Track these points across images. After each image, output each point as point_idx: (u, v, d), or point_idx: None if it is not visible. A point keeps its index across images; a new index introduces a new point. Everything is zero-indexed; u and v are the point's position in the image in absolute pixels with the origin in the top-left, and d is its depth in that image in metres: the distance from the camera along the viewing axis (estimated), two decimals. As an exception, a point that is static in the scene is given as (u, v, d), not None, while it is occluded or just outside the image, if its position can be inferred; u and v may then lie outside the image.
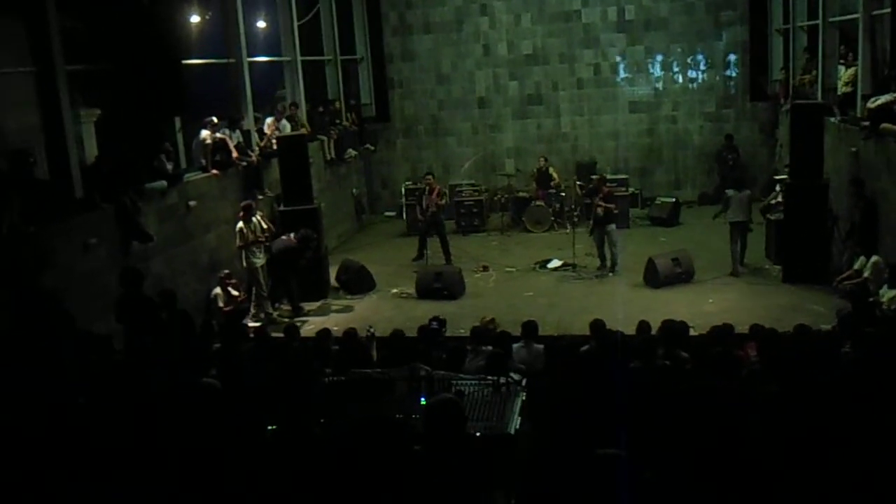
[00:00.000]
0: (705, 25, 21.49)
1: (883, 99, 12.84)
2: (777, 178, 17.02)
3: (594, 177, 17.43)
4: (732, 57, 21.43)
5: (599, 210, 15.62)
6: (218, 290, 13.37)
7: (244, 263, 14.05)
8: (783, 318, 11.42)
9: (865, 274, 12.24)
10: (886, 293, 11.18)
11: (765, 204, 16.23)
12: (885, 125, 12.58)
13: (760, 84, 20.96)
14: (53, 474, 4.86)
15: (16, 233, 9.67)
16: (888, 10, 13.45)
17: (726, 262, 15.54)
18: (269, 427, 5.59)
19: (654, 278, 14.77)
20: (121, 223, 11.79)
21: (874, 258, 12.29)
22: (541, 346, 9.64)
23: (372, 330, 10.50)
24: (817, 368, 7.11)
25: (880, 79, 13.90)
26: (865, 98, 13.76)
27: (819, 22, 16.64)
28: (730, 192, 15.63)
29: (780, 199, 15.39)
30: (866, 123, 13.25)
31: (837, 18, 16.32)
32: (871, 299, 11.53)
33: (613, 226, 15.77)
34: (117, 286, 10.14)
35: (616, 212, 16.12)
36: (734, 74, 21.49)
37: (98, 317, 10.27)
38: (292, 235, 14.29)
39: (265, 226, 14.27)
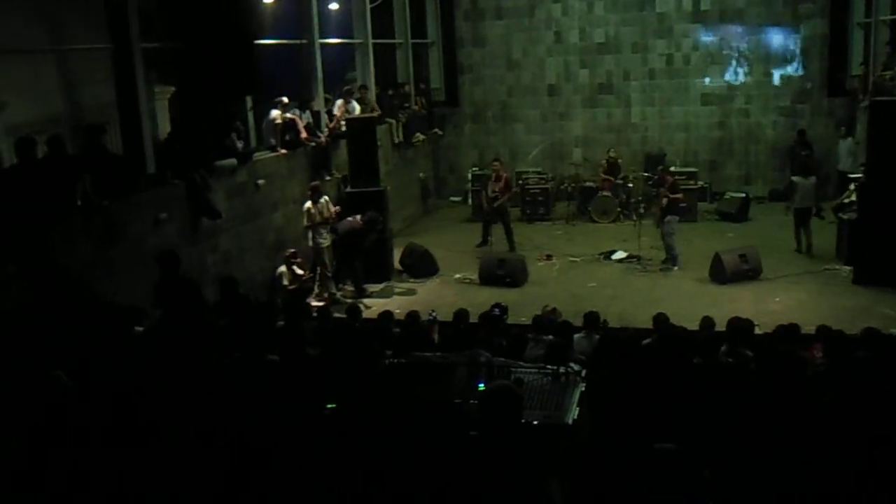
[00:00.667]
0: (783, 18, 20.99)
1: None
2: (851, 176, 16.64)
3: (660, 167, 17.25)
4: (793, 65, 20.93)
5: (664, 201, 15.46)
6: (283, 268, 13.53)
7: (310, 243, 14.20)
8: (852, 321, 11.16)
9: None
10: (962, 298, 10.89)
11: (837, 202, 15.90)
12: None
13: (839, 79, 20.47)
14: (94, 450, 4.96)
15: (89, 205, 9.89)
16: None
17: (795, 260, 15.34)
18: (328, 406, 5.64)
19: (720, 274, 14.57)
20: (191, 199, 11.99)
21: (950, 262, 11.96)
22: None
23: (434, 314, 10.52)
24: (885, 373, 6.95)
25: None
26: (948, 96, 13.37)
27: (903, 16, 16.20)
28: (796, 178, 15.97)
29: (853, 197, 15.05)
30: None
31: (923, 13, 15.87)
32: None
33: (672, 218, 15.54)
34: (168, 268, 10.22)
35: (683, 205, 15.92)
36: (800, 72, 21.01)
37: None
38: (358, 217, 14.40)
39: (331, 209, 14.41)
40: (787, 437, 5.66)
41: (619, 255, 16.43)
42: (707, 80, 21.63)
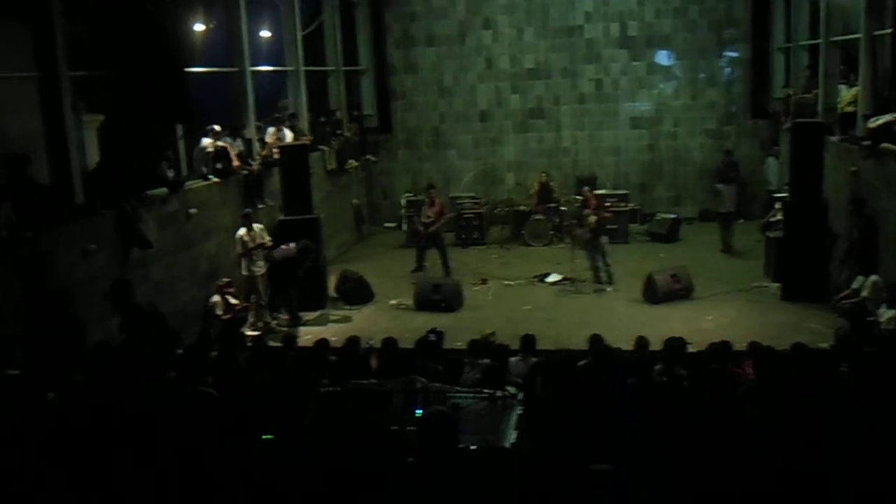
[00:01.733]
0: (708, 43, 21.56)
1: (883, 119, 12.86)
2: (777, 195, 17.06)
3: (585, 188, 17.53)
4: (727, 70, 21.59)
5: (591, 220, 15.65)
6: (217, 297, 13.35)
7: (244, 272, 14.08)
8: (781, 336, 11.38)
9: (864, 293, 12.21)
10: (885, 313, 11.16)
11: (764, 221, 16.26)
12: (885, 145, 12.59)
13: (762, 102, 21.02)
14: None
15: (13, 235, 9.64)
16: (889, 30, 13.47)
17: (725, 279, 15.68)
18: (264, 436, 5.58)
19: (652, 294, 14.77)
20: (121, 229, 11.79)
21: (873, 277, 12.27)
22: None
23: (371, 342, 10.46)
24: (814, 387, 7.10)
25: (881, 99, 13.91)
26: (866, 118, 13.75)
27: (821, 41, 16.68)
28: (720, 186, 18.05)
29: (779, 216, 15.40)
30: (867, 143, 13.25)
31: (839, 38, 16.36)
32: (869, 319, 11.52)
33: (605, 238, 15.81)
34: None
35: (612, 227, 16.23)
36: (732, 82, 21.63)
37: (97, 322, 10.32)
38: (292, 245, 14.30)
39: (266, 236, 14.30)
40: (720, 454, 5.74)
41: (554, 277, 16.57)
42: (635, 104, 22.02)
